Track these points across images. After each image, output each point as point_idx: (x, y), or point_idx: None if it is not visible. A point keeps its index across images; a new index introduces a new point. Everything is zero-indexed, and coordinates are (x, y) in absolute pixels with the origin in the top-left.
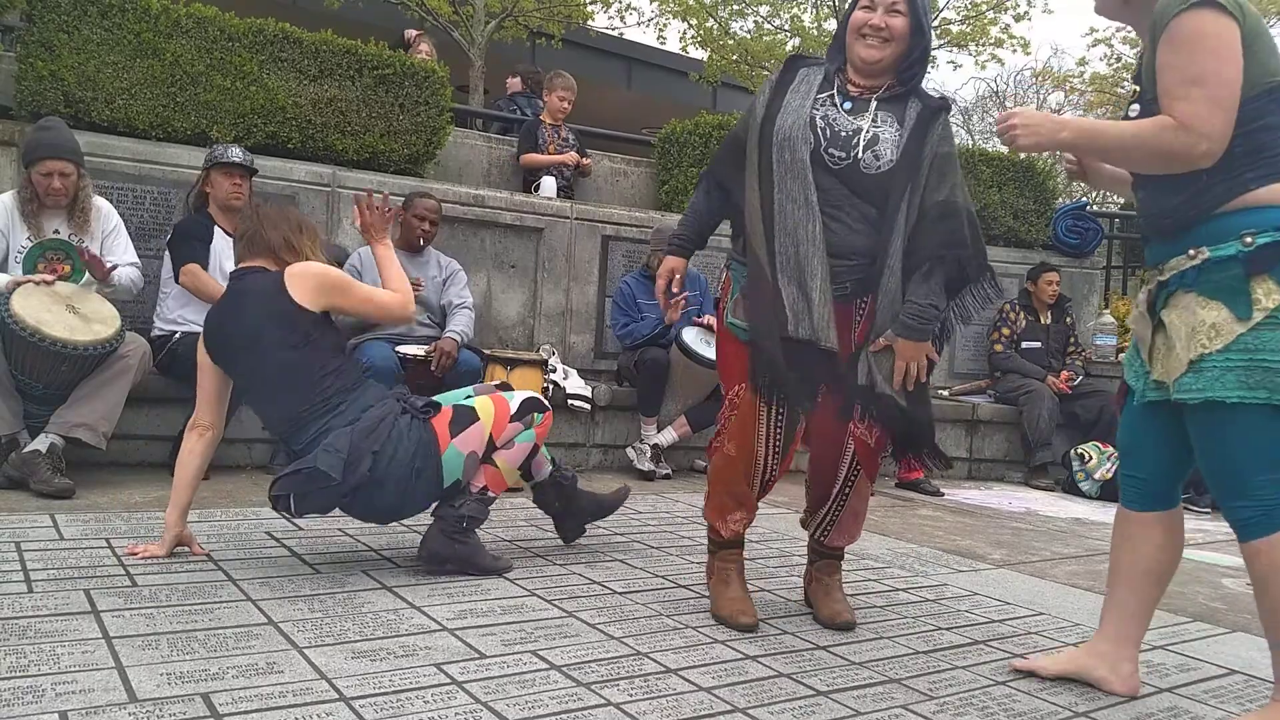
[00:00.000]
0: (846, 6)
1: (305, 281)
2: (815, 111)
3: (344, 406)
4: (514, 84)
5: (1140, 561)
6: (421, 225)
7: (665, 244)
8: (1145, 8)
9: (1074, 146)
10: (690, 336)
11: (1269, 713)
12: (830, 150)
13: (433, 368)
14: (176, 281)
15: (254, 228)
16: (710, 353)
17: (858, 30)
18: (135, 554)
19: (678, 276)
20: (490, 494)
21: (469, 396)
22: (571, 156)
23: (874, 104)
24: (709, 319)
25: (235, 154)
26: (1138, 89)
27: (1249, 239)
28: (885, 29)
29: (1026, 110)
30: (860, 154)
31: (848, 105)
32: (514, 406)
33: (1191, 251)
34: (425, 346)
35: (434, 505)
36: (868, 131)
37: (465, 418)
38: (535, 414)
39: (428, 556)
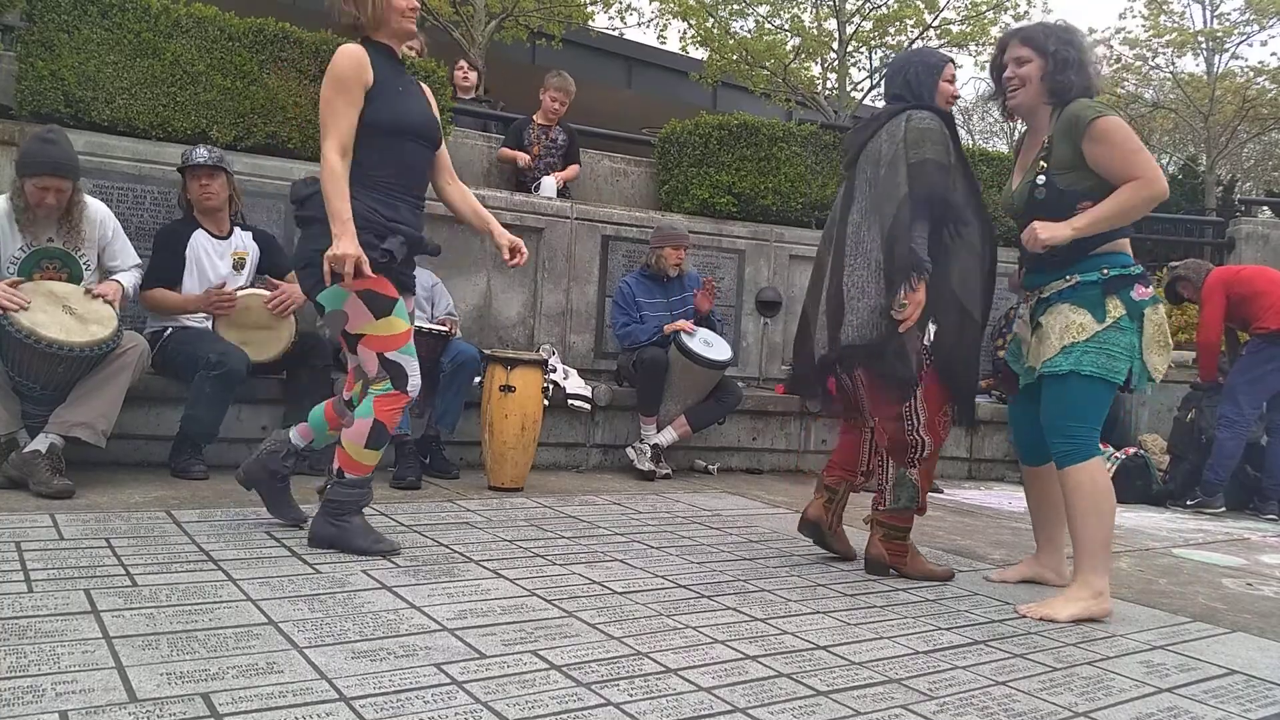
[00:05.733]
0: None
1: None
2: None
3: None
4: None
5: (1057, 495)
6: None
7: (666, 241)
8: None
9: (1082, 233)
10: (689, 336)
11: (1073, 591)
12: None
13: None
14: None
15: None
16: (709, 353)
17: None
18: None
19: None
20: (347, 475)
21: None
22: (523, 157)
23: None
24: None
25: (199, 155)
26: (1045, 164)
27: (1105, 270)
28: None
29: (1041, 223)
30: None
31: None
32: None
33: (1068, 277)
34: (430, 323)
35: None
36: None
37: None
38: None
39: (310, 539)
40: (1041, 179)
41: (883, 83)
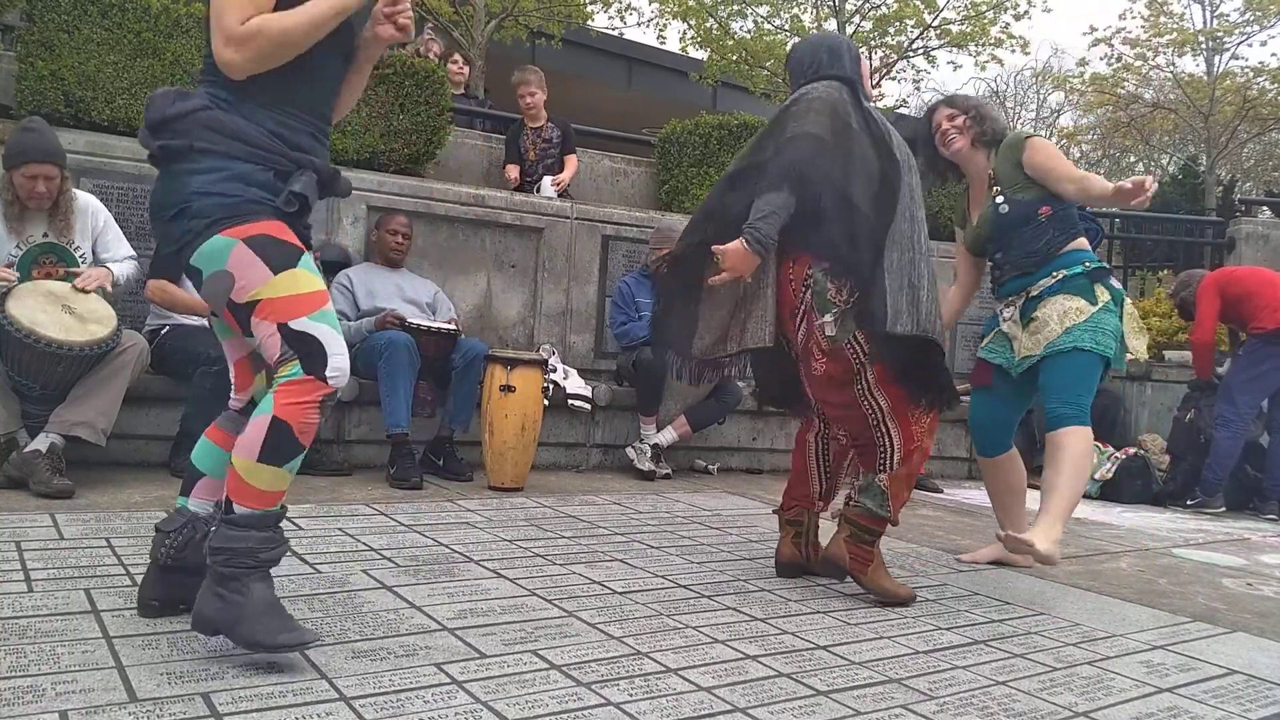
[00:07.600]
0: None
1: None
2: None
3: None
4: None
5: (1015, 483)
6: (394, 239)
7: (666, 242)
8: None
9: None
10: None
11: (1049, 527)
12: None
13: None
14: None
15: None
16: None
17: None
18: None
19: None
20: (237, 508)
21: None
22: (512, 173)
23: None
24: None
25: None
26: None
27: (1086, 264)
28: None
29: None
30: None
31: None
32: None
33: (1054, 274)
34: (437, 322)
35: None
36: None
37: None
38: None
39: (194, 621)
40: (1000, 199)
41: (792, 67)
